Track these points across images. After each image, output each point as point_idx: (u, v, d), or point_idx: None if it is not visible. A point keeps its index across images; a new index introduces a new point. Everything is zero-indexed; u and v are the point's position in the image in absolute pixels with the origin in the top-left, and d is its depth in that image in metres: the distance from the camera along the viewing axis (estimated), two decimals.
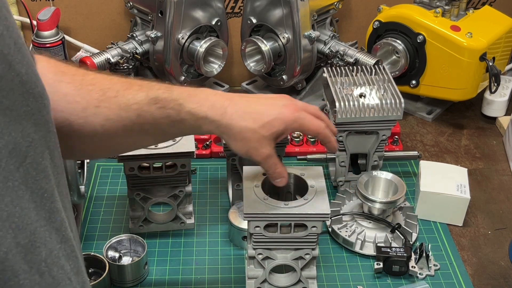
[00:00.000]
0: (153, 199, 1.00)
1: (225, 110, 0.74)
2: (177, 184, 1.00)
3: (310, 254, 0.84)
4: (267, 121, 0.75)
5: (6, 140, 0.43)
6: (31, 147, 0.46)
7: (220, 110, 0.74)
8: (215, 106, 0.73)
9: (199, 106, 0.73)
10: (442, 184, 1.06)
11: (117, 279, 0.93)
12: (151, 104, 0.71)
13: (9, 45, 0.44)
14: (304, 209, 0.80)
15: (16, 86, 0.44)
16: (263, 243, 0.83)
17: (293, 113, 0.76)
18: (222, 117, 0.73)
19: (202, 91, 0.75)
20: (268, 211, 0.80)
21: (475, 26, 1.28)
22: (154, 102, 0.71)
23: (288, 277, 0.88)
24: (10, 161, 0.43)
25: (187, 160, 0.97)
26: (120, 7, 1.40)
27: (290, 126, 0.76)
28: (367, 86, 1.06)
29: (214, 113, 0.73)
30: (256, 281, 0.87)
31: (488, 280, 0.97)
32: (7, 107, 0.43)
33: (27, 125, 0.46)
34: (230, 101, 0.75)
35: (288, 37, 1.26)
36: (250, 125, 0.74)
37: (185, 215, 1.03)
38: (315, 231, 0.81)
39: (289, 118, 0.76)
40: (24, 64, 0.46)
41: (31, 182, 0.46)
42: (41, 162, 0.47)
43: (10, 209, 0.43)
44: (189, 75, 1.32)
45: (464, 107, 1.41)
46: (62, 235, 0.50)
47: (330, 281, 0.95)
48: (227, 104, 0.74)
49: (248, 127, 0.74)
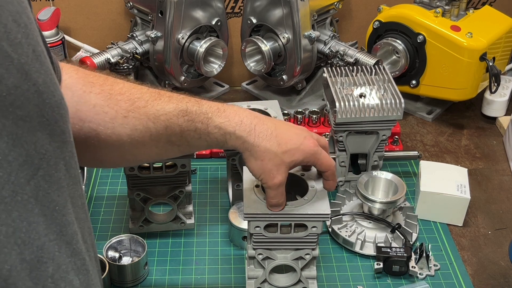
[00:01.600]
0: (153, 199, 1.00)
1: (253, 127, 0.75)
2: (177, 184, 1.00)
3: (310, 254, 0.84)
4: (290, 148, 0.76)
5: (17, 153, 0.42)
6: (44, 159, 0.45)
7: (249, 127, 0.75)
8: (243, 123, 0.75)
9: (228, 121, 0.74)
10: (442, 184, 1.06)
11: (117, 279, 0.93)
12: (180, 116, 0.72)
13: (27, 53, 0.43)
14: (304, 209, 0.80)
15: (32, 96, 0.43)
16: (263, 243, 0.83)
17: (313, 147, 0.78)
18: (249, 134, 0.75)
19: (230, 107, 0.76)
20: (268, 211, 0.80)
21: (475, 26, 1.28)
22: (183, 115, 0.72)
23: (288, 277, 0.88)
24: (20, 174, 0.42)
25: (187, 160, 0.97)
26: (120, 7, 1.40)
27: (307, 159, 0.78)
28: (367, 86, 1.06)
29: (242, 129, 0.74)
30: (256, 281, 0.87)
31: (488, 280, 0.97)
32: (21, 117, 0.42)
33: (42, 136, 0.45)
34: (258, 120, 0.76)
35: (288, 37, 1.26)
36: (274, 148, 0.75)
37: (185, 215, 1.03)
38: (315, 231, 0.81)
39: (309, 152, 0.78)
40: (42, 73, 0.45)
41: (42, 196, 0.45)
42: (54, 174, 0.46)
43: (16, 224, 0.42)
44: (189, 75, 1.32)
45: (464, 107, 1.41)
46: (73, 248, 0.49)
47: (330, 281, 0.95)
48: (256, 123, 0.76)
49: (272, 149, 0.75)
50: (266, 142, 0.75)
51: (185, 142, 0.75)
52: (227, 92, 1.46)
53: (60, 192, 0.47)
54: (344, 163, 1.09)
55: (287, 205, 0.81)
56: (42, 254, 0.44)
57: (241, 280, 0.94)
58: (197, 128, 0.73)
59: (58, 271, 0.46)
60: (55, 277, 0.46)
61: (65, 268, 0.47)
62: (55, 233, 0.46)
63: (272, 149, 0.75)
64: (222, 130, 0.74)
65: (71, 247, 0.49)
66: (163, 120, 0.72)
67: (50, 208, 0.46)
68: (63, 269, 0.47)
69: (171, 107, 0.72)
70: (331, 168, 0.81)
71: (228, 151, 1.01)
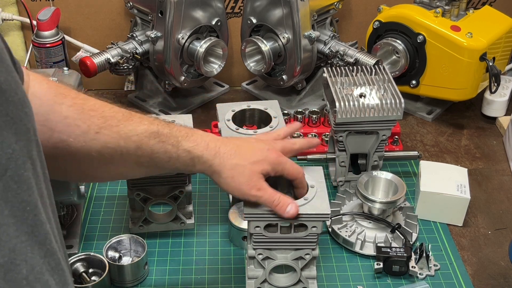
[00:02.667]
0: (153, 199, 1.00)
1: (218, 150, 0.78)
2: (177, 184, 1.00)
3: (310, 254, 0.84)
4: (256, 160, 0.79)
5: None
6: (11, 159, 0.44)
7: (214, 150, 0.78)
8: (209, 146, 0.78)
9: (196, 145, 0.77)
10: (442, 184, 1.06)
11: (117, 279, 0.93)
12: (151, 138, 0.74)
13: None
14: (305, 209, 0.80)
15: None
16: (263, 243, 0.83)
17: (277, 157, 0.81)
18: (215, 156, 0.78)
19: (197, 132, 0.80)
20: (268, 211, 0.80)
21: (475, 26, 1.28)
22: (154, 136, 0.74)
23: (288, 277, 0.88)
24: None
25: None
26: (120, 7, 1.40)
27: (274, 168, 0.81)
28: (367, 86, 1.06)
29: (209, 153, 0.78)
30: (256, 281, 0.87)
31: (488, 280, 0.97)
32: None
33: (8, 136, 0.44)
34: (221, 142, 0.80)
35: (288, 37, 1.26)
36: (241, 162, 0.78)
37: (185, 215, 1.03)
38: (315, 231, 0.81)
39: (274, 162, 0.81)
40: (3, 71, 0.44)
41: (12, 196, 0.44)
42: (23, 174, 0.46)
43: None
44: (189, 75, 1.32)
45: (464, 107, 1.41)
46: (46, 248, 0.48)
47: (330, 281, 0.95)
48: (219, 145, 0.79)
49: (240, 163, 0.78)
50: (233, 160, 0.78)
51: (153, 164, 0.77)
52: (227, 92, 1.46)
53: (30, 192, 0.47)
54: (344, 163, 1.09)
55: None
56: (15, 256, 0.44)
57: (241, 280, 0.94)
58: (167, 151, 0.75)
59: (32, 272, 0.46)
60: (30, 279, 0.45)
61: (40, 269, 0.47)
62: (26, 234, 0.46)
63: (240, 163, 0.78)
64: (191, 154, 0.77)
65: (44, 248, 0.48)
66: (134, 141, 0.73)
67: (20, 209, 0.45)
68: (37, 270, 0.46)
69: (143, 128, 0.74)
70: (299, 176, 0.83)
71: None
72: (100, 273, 0.92)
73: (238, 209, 1.02)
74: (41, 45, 1.32)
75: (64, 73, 1.03)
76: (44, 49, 1.32)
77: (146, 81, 1.40)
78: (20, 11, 1.40)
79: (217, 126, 1.04)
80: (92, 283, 0.90)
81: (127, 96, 1.43)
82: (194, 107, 1.39)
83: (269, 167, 0.80)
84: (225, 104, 1.06)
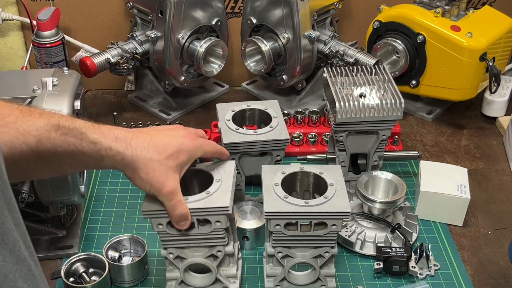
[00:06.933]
0: (188, 259, 0.86)
1: (129, 142, 0.74)
2: (214, 243, 0.84)
3: (329, 252, 0.84)
4: (171, 153, 0.76)
5: None
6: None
7: (125, 142, 0.74)
8: (119, 138, 0.74)
9: (103, 137, 0.73)
10: (442, 184, 1.06)
11: (117, 279, 0.93)
12: (52, 131, 0.69)
13: None
14: (324, 208, 0.80)
15: None
16: (282, 241, 0.83)
17: (194, 142, 0.79)
18: (126, 149, 0.74)
19: (104, 125, 0.75)
20: (288, 210, 0.79)
21: (475, 26, 1.28)
22: (55, 129, 0.70)
23: (307, 275, 0.88)
24: None
25: (223, 217, 0.81)
26: (120, 7, 1.40)
27: (193, 155, 0.79)
28: (367, 86, 1.06)
29: (119, 145, 0.73)
30: (275, 279, 0.87)
31: (488, 280, 0.97)
32: None
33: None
34: (132, 134, 0.76)
35: (288, 37, 1.26)
36: (155, 157, 0.75)
37: (228, 277, 0.88)
38: (335, 229, 0.81)
39: (192, 148, 0.79)
40: None
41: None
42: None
43: None
44: (189, 75, 1.32)
45: (464, 107, 1.41)
46: (16, 255, 0.48)
47: None
48: (131, 137, 0.75)
49: (154, 158, 0.75)
50: (146, 153, 0.74)
51: (57, 159, 0.72)
52: (227, 92, 1.46)
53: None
54: (344, 163, 1.09)
55: (308, 203, 0.80)
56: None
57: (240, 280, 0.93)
58: (70, 144, 0.71)
59: (6, 280, 0.45)
60: (4, 287, 0.45)
61: (13, 277, 0.46)
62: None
63: (154, 157, 0.75)
64: (97, 146, 0.72)
65: (14, 254, 0.47)
66: (34, 135, 0.68)
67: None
68: (10, 278, 0.46)
69: (43, 122, 0.69)
70: (217, 149, 0.82)
71: (227, 150, 1.00)
72: (100, 273, 0.92)
73: (238, 209, 1.02)
74: (41, 45, 1.32)
75: (64, 73, 1.03)
76: (44, 49, 1.32)
77: (146, 81, 1.40)
78: (20, 11, 1.40)
79: (217, 126, 1.04)
80: (92, 283, 0.90)
81: (127, 96, 1.43)
82: (194, 107, 1.39)
83: (187, 157, 0.77)
84: (225, 104, 1.06)
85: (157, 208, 0.78)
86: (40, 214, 1.02)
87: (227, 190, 0.80)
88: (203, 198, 0.79)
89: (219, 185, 0.81)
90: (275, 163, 1.02)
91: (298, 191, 0.90)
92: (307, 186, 0.90)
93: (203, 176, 0.85)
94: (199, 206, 0.78)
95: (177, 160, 0.76)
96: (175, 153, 0.76)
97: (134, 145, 0.74)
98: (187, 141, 0.78)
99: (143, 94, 1.41)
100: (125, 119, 1.33)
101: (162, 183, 0.75)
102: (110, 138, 0.73)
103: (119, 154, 0.73)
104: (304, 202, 0.81)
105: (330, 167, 0.89)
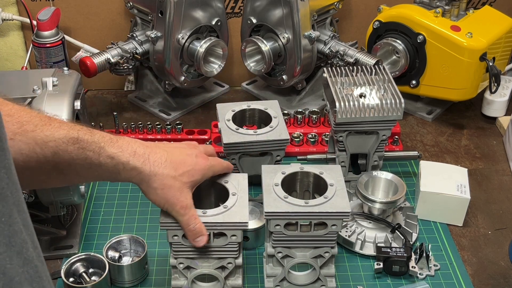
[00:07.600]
0: (197, 269, 0.85)
1: (147, 157, 0.75)
2: (226, 255, 0.84)
3: (329, 252, 0.85)
4: (186, 170, 0.78)
5: None
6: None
7: (143, 157, 0.75)
8: (137, 153, 0.75)
9: (121, 152, 0.73)
10: (442, 184, 1.06)
11: (117, 279, 0.93)
12: (70, 143, 0.70)
13: None
14: (324, 208, 0.80)
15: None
16: (282, 242, 0.83)
17: (206, 162, 0.81)
18: (144, 164, 0.75)
19: (122, 138, 0.76)
20: (288, 210, 0.80)
21: (475, 26, 1.28)
22: (73, 142, 0.70)
23: (307, 276, 0.88)
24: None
25: (238, 232, 0.81)
26: (120, 7, 1.40)
27: (206, 175, 0.81)
28: (367, 86, 1.06)
29: (136, 160, 0.74)
30: (275, 279, 0.87)
31: (488, 280, 0.97)
32: None
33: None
34: (150, 149, 0.77)
35: (288, 37, 1.26)
36: (172, 173, 0.76)
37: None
38: (335, 229, 0.82)
39: (204, 168, 0.80)
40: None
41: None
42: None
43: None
44: (189, 75, 1.32)
45: (464, 107, 1.41)
46: (23, 257, 0.48)
47: None
48: (149, 152, 0.76)
49: (170, 174, 0.76)
50: (163, 169, 0.76)
51: (73, 171, 0.72)
52: (227, 92, 1.46)
53: (4, 202, 0.46)
54: (344, 163, 1.09)
55: (308, 203, 0.80)
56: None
57: None
58: (87, 157, 0.71)
59: (11, 283, 0.45)
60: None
61: (19, 280, 0.46)
62: (4, 245, 0.45)
63: (171, 174, 0.76)
64: (115, 161, 0.73)
65: (21, 256, 0.47)
66: (51, 146, 0.69)
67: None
68: (16, 281, 0.46)
69: (62, 133, 0.70)
70: (226, 168, 0.85)
71: (227, 150, 1.01)
72: (100, 273, 0.92)
73: None
74: (41, 45, 1.32)
75: (64, 73, 1.03)
76: (44, 49, 1.32)
77: (146, 81, 1.40)
78: (20, 11, 1.40)
79: (217, 126, 1.04)
80: (92, 283, 0.90)
81: (127, 96, 1.43)
82: (194, 107, 1.39)
83: (200, 176, 0.79)
84: (225, 104, 1.06)
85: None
86: (40, 214, 1.02)
87: (244, 205, 0.81)
88: (221, 212, 0.80)
89: (235, 199, 0.82)
90: (275, 163, 1.02)
91: (298, 191, 0.91)
92: (307, 186, 0.90)
93: (218, 189, 0.86)
94: (218, 221, 0.79)
95: (191, 178, 0.78)
96: (191, 171, 0.78)
97: (152, 161, 0.76)
98: (201, 161, 0.80)
99: (143, 94, 1.41)
100: (125, 119, 1.33)
101: (177, 198, 0.77)
102: (128, 153, 0.74)
103: (136, 169, 0.74)
104: (304, 202, 0.81)
105: (330, 167, 0.89)
